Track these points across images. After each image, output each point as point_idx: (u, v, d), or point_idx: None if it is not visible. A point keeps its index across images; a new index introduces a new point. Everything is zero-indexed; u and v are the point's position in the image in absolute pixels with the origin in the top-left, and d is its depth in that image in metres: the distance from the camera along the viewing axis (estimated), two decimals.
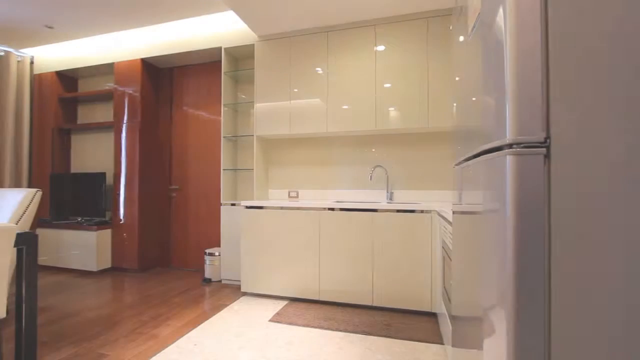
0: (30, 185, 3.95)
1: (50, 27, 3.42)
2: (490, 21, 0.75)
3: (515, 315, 0.63)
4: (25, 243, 1.72)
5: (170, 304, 2.60)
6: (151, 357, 1.79)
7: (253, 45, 3.09)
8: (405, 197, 2.87)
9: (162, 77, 3.80)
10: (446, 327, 1.71)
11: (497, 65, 0.70)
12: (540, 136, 0.63)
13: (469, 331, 0.96)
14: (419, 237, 2.32)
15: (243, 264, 2.76)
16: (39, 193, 2.24)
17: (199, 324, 2.21)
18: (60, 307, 2.57)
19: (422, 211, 2.32)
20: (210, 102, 3.61)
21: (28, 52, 3.99)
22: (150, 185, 3.64)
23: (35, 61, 4.02)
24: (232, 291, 2.90)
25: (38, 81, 4.01)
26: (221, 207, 3.15)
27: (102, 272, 3.56)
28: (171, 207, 3.76)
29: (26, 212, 2.16)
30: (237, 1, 2.48)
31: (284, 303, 2.58)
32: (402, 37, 2.63)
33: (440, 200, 2.77)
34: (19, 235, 1.65)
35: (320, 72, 2.83)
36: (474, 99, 0.95)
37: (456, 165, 1.29)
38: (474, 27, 0.92)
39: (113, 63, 3.66)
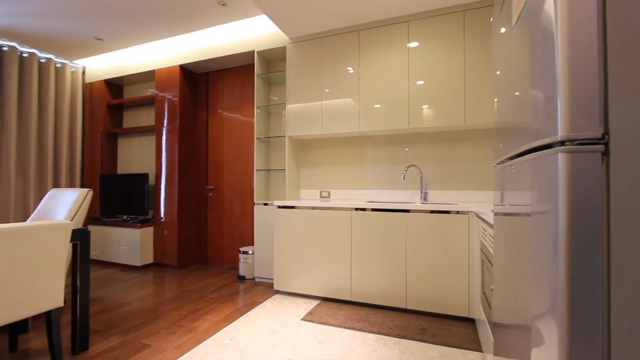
0: (82, 185, 4.29)
1: (99, 39, 3.68)
2: (538, 10, 0.71)
3: (569, 324, 0.58)
4: (79, 238, 1.86)
5: (207, 300, 2.70)
6: (190, 349, 1.87)
7: (285, 47, 3.13)
8: (440, 198, 2.78)
9: (198, 82, 3.97)
10: (486, 334, 1.63)
11: (546, 57, 0.66)
12: (597, 132, 0.58)
13: (514, 340, 0.91)
14: (455, 239, 2.23)
15: (276, 263, 2.81)
16: (90, 192, 2.42)
17: (234, 320, 2.28)
18: (109, 299, 2.76)
19: (458, 212, 2.23)
20: (244, 105, 3.71)
21: (80, 62, 4.33)
22: (188, 185, 3.81)
23: (86, 71, 4.36)
24: (265, 289, 2.97)
25: (89, 89, 4.34)
26: (254, 206, 3.22)
27: (145, 267, 3.77)
28: (207, 207, 3.92)
29: (80, 210, 2.34)
30: (271, 5, 2.53)
31: (315, 302, 2.59)
32: (436, 32, 2.55)
33: (477, 201, 2.65)
34: (74, 231, 1.79)
35: (352, 71, 2.81)
36: (517, 93, 0.90)
37: (497, 164, 1.23)
38: (519, 17, 0.87)
39: (154, 70, 3.87)
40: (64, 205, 2.39)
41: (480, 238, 1.87)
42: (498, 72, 1.21)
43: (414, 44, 2.62)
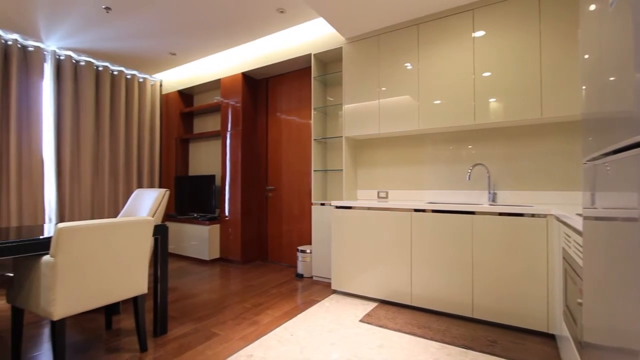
0: (160, 186, 4.79)
1: (173, 54, 4.08)
2: None
3: None
4: (160, 233, 2.07)
5: (268, 295, 2.82)
6: (254, 340, 1.97)
7: (341, 48, 3.14)
8: (511, 199, 2.54)
9: (259, 88, 4.18)
10: (570, 353, 1.45)
11: None
12: None
13: None
14: (531, 245, 2.02)
15: (333, 263, 2.83)
16: (167, 192, 2.69)
17: (294, 316, 2.34)
18: (183, 289, 3.03)
19: (533, 215, 2.02)
20: (301, 107, 3.81)
21: (158, 76, 4.85)
22: (249, 186, 4.03)
23: (163, 83, 4.86)
24: (323, 288, 3.00)
25: (165, 100, 4.83)
26: (312, 206, 3.29)
27: (213, 262, 4.08)
28: (267, 206, 4.10)
29: (159, 208, 2.61)
30: (328, 8, 2.55)
31: (373, 304, 2.55)
32: (506, 18, 2.34)
33: (556, 203, 2.37)
34: (155, 227, 2.00)
35: (410, 67, 2.71)
36: (612, 78, 0.77)
37: (587, 161, 1.08)
38: None
39: (220, 79, 4.17)
40: (146, 203, 2.69)
41: (563, 244, 1.66)
42: (587, 56, 1.06)
43: (479, 33, 2.43)
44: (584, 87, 1.11)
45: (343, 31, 2.93)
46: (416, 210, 2.43)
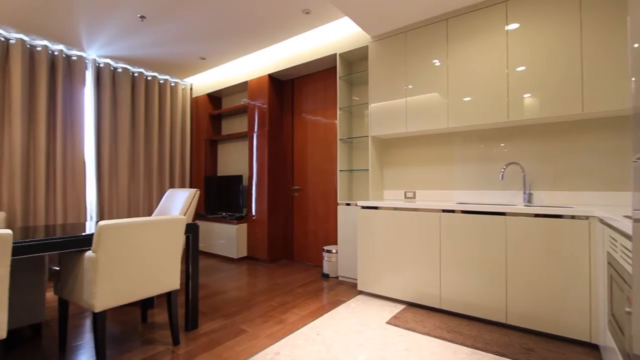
0: (191, 185, 4.97)
1: (203, 58, 4.22)
2: None
3: None
4: (191, 232, 2.15)
5: (294, 294, 2.85)
6: (281, 338, 2.00)
7: (366, 46, 3.11)
8: (549, 199, 2.41)
9: (284, 89, 4.23)
10: None
11: None
12: None
13: None
14: (571, 249, 1.90)
15: (359, 263, 2.80)
16: (198, 192, 2.78)
17: (320, 316, 2.35)
18: (212, 286, 3.13)
19: (573, 217, 1.90)
20: (326, 107, 3.81)
21: (188, 80, 5.03)
22: (276, 186, 4.09)
23: (193, 87, 5.04)
24: (349, 288, 2.99)
25: (195, 103, 5.01)
26: (337, 206, 3.28)
27: (240, 260, 4.17)
28: (293, 206, 4.14)
29: (190, 207, 2.71)
30: (353, 7, 2.54)
31: (400, 306, 2.51)
32: (542, 9, 2.22)
33: (599, 204, 2.21)
34: (187, 225, 2.08)
35: (438, 64, 2.64)
36: None
37: (639, 159, 1.00)
38: None
39: (247, 81, 4.26)
40: (178, 202, 2.80)
41: (608, 249, 1.55)
42: (637, 45, 0.98)
43: (513, 26, 2.32)
44: (633, 79, 1.03)
45: (369, 29, 2.90)
46: (445, 211, 2.36)
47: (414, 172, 3.06)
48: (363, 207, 2.79)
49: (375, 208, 2.71)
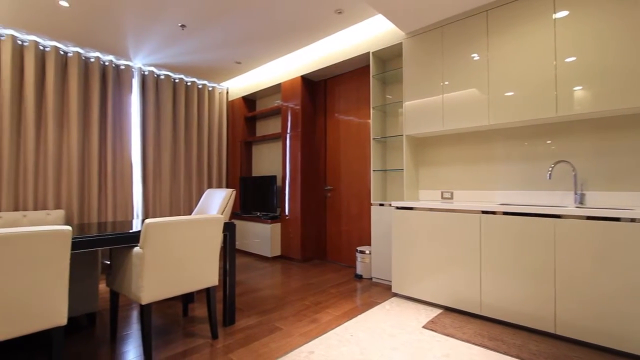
0: (227, 186, 5.15)
1: (238, 63, 4.35)
2: None
3: None
4: (229, 230, 2.22)
5: (327, 294, 2.85)
6: (314, 338, 2.01)
7: (401, 43, 3.05)
8: (604, 201, 2.21)
9: (317, 89, 4.25)
10: None
11: None
12: None
13: None
14: (631, 255, 1.73)
15: (394, 265, 2.75)
16: (234, 192, 2.87)
17: (353, 317, 2.33)
18: (248, 283, 3.22)
19: (633, 219, 1.73)
20: (359, 107, 3.78)
21: (224, 84, 5.22)
22: (309, 186, 4.12)
23: (229, 91, 5.22)
24: (383, 290, 2.94)
25: (231, 106, 5.18)
26: (371, 206, 3.24)
27: (274, 259, 4.25)
28: (326, 206, 4.15)
29: (227, 206, 2.80)
30: (386, 4, 2.49)
31: (437, 311, 2.42)
32: None
33: None
34: (225, 224, 2.15)
35: (477, 58, 2.52)
36: None
37: None
38: None
39: (280, 83, 4.34)
40: (216, 202, 2.91)
41: None
42: None
43: (562, 14, 2.16)
44: None
45: (403, 26, 2.84)
46: (485, 212, 2.25)
47: (451, 172, 2.94)
48: (398, 208, 2.73)
49: (411, 209, 2.64)
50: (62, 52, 3.57)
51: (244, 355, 1.82)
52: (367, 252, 3.29)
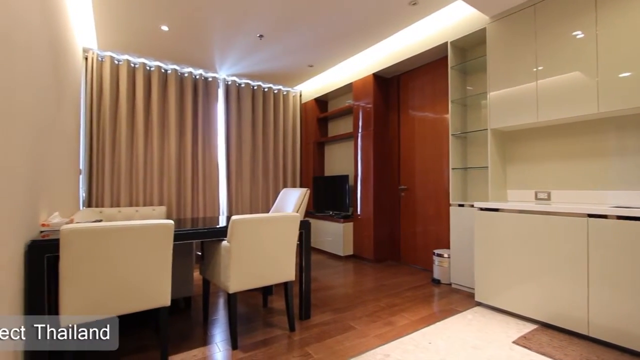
0: (301, 185, 5.35)
1: (310, 66, 4.49)
2: None
3: None
4: (304, 228, 2.30)
5: (402, 297, 2.76)
6: (390, 341, 1.96)
7: (484, 29, 2.78)
8: None
9: (389, 86, 4.14)
10: None
11: None
12: None
13: None
14: None
15: (477, 271, 2.53)
16: (308, 191, 2.96)
17: (431, 323, 2.21)
18: (321, 280, 3.29)
19: None
20: (435, 101, 3.57)
21: (297, 88, 5.43)
22: (381, 186, 4.04)
23: (302, 94, 5.42)
24: (464, 297, 2.72)
25: (304, 108, 5.37)
26: (450, 207, 3.03)
27: (346, 258, 4.28)
28: (400, 206, 4.01)
29: (302, 205, 2.91)
30: None
31: (531, 326, 2.15)
32: None
33: None
34: (300, 222, 2.24)
35: (582, 36, 2.16)
36: None
37: None
38: None
39: (351, 83, 4.34)
40: (291, 200, 3.05)
41: None
42: None
43: None
44: None
45: (487, 9, 2.59)
46: (592, 216, 1.91)
47: (547, 169, 2.58)
48: (481, 209, 2.50)
49: (497, 210, 2.40)
50: (163, 70, 4.13)
51: (319, 350, 1.87)
52: (446, 255, 3.09)
